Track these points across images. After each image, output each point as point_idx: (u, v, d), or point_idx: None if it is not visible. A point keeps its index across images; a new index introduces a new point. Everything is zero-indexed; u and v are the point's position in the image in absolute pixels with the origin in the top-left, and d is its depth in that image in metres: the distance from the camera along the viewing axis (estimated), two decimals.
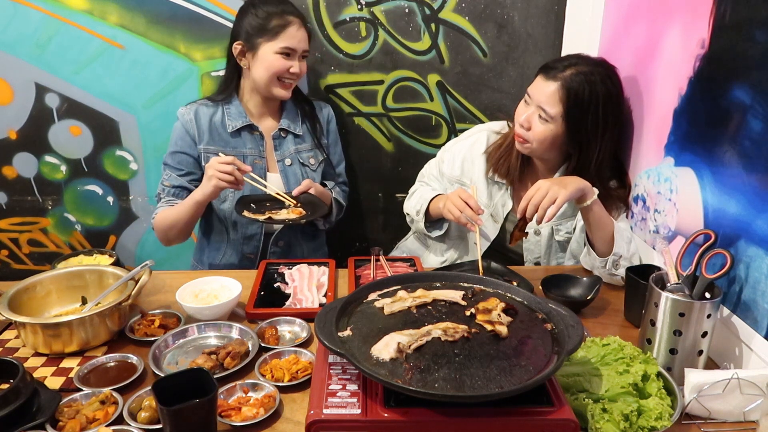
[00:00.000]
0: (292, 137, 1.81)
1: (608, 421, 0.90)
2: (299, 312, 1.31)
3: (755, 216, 1.08)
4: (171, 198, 1.70)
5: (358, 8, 1.96)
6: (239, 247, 1.82)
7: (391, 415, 0.81)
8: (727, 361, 1.16)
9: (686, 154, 1.32)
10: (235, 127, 1.74)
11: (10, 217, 2.15)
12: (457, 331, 0.91)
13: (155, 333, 1.23)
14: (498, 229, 1.69)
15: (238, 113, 1.75)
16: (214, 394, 0.89)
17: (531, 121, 1.49)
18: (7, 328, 1.27)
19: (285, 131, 1.80)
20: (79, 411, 0.97)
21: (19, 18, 1.89)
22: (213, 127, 1.73)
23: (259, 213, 1.62)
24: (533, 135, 1.49)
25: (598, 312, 1.37)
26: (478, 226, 1.47)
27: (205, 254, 1.87)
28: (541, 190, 1.33)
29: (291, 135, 1.81)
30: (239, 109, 1.75)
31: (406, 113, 2.11)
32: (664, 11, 1.42)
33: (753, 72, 1.09)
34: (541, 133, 1.48)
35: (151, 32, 1.94)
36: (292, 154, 1.81)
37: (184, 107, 1.75)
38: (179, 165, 1.72)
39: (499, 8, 1.97)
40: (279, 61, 1.65)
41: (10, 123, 2.01)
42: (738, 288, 1.13)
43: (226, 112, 1.75)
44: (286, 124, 1.79)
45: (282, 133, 1.80)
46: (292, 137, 1.81)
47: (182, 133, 1.72)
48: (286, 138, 1.81)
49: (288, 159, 1.80)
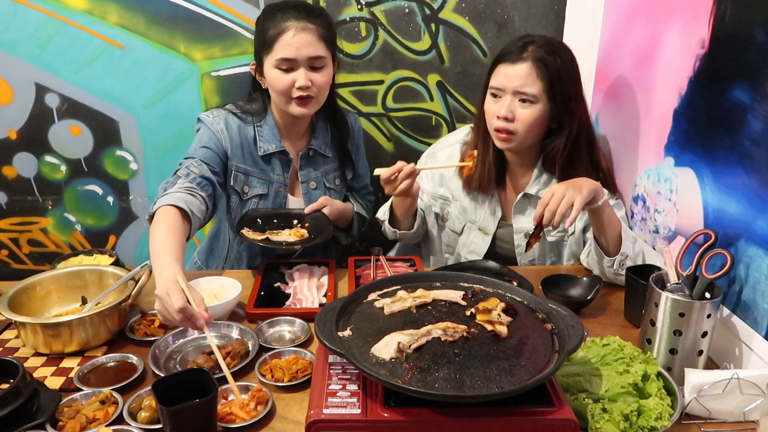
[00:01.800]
0: (321, 158, 1.67)
1: (608, 421, 0.90)
2: (299, 312, 1.31)
3: (755, 216, 1.08)
4: (194, 187, 1.40)
5: (358, 8, 1.96)
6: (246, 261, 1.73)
7: (391, 415, 0.81)
8: (727, 361, 1.16)
9: (686, 154, 1.32)
10: (268, 151, 1.57)
11: (10, 217, 2.15)
12: (457, 331, 0.91)
13: (155, 333, 1.23)
14: (489, 241, 1.66)
15: (272, 135, 1.58)
16: (214, 394, 0.89)
17: (513, 110, 1.46)
18: (7, 328, 1.27)
19: (314, 151, 1.65)
20: (79, 411, 0.97)
21: (19, 18, 1.89)
22: (244, 143, 1.56)
23: (261, 231, 1.52)
24: (520, 123, 1.46)
25: (598, 312, 1.37)
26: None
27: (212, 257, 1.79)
28: (557, 195, 1.29)
29: (320, 156, 1.66)
30: (273, 131, 1.58)
31: (406, 113, 2.11)
32: (664, 11, 1.42)
33: (753, 72, 1.09)
34: (528, 116, 1.45)
35: (151, 32, 1.94)
36: (318, 177, 1.67)
37: (211, 114, 1.56)
38: (210, 161, 1.49)
39: (499, 8, 1.97)
40: (279, 78, 1.45)
41: (10, 123, 2.02)
42: (738, 288, 1.13)
43: (258, 131, 1.57)
44: (317, 145, 1.64)
45: (310, 153, 1.64)
46: (321, 158, 1.67)
47: (212, 138, 1.52)
48: (314, 158, 1.66)
49: (313, 182, 1.66)
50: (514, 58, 1.44)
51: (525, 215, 1.63)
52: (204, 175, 1.45)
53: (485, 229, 1.67)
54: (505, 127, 1.47)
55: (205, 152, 1.50)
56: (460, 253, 1.71)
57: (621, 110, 1.66)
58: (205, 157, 1.49)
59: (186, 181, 1.41)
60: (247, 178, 1.58)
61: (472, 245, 1.68)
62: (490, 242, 1.67)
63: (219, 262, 1.78)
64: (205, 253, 1.82)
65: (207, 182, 1.45)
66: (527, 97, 1.44)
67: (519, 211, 1.63)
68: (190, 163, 1.46)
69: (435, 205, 1.72)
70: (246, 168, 1.57)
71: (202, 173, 1.45)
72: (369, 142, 2.13)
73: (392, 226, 1.66)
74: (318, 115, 1.64)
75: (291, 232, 1.53)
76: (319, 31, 1.46)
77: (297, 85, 1.45)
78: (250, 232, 1.51)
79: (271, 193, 1.62)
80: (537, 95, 1.43)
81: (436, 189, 1.71)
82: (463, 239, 1.70)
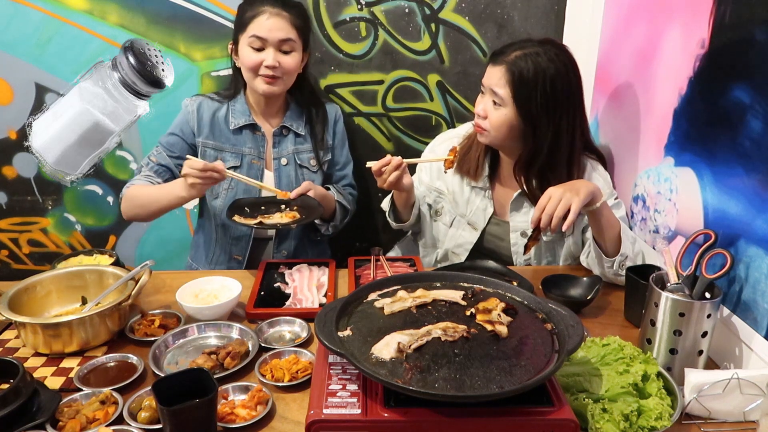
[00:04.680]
0: (293, 136, 1.77)
1: (608, 421, 0.90)
2: (299, 312, 1.31)
3: (755, 216, 1.08)
4: (151, 175, 1.65)
5: (358, 8, 1.96)
6: (227, 248, 1.79)
7: (391, 415, 0.81)
8: (727, 361, 1.16)
9: (686, 154, 1.32)
10: (238, 125, 1.71)
11: (10, 217, 2.15)
12: (457, 331, 0.91)
13: (155, 333, 1.23)
14: (477, 236, 1.67)
15: (242, 111, 1.72)
16: (214, 394, 0.89)
17: (486, 110, 1.49)
18: (7, 328, 1.27)
19: (287, 129, 1.76)
20: (79, 411, 0.97)
21: (19, 18, 1.89)
22: (215, 122, 1.71)
23: (251, 217, 1.57)
24: (490, 123, 1.49)
25: (598, 312, 1.37)
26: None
27: (199, 252, 1.86)
28: (554, 198, 1.29)
29: (292, 134, 1.77)
30: (243, 107, 1.73)
31: (406, 113, 2.11)
32: (664, 11, 1.42)
33: (753, 72, 1.09)
34: (496, 119, 1.47)
35: (151, 32, 1.94)
36: (289, 154, 1.77)
37: (190, 98, 1.74)
38: (171, 147, 1.70)
39: (499, 8, 1.97)
40: (250, 55, 1.59)
41: (10, 123, 2.01)
42: (738, 288, 1.13)
43: (231, 108, 1.73)
44: (288, 123, 1.75)
45: (283, 131, 1.76)
46: (293, 136, 1.77)
47: (183, 121, 1.71)
48: (287, 137, 1.77)
49: (284, 159, 1.76)
50: (497, 59, 1.46)
51: (521, 213, 1.63)
52: (161, 162, 1.67)
53: (474, 224, 1.68)
54: (478, 124, 1.53)
55: (168, 139, 1.71)
56: (448, 247, 1.72)
57: (621, 110, 1.66)
58: (167, 144, 1.70)
59: (146, 170, 1.67)
60: (220, 153, 1.72)
61: (460, 239, 1.69)
62: (480, 239, 1.68)
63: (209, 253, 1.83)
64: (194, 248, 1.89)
65: (164, 168, 1.67)
66: (498, 99, 1.46)
67: (516, 208, 1.63)
68: (152, 153, 1.70)
69: (429, 197, 1.74)
70: (216, 144, 1.72)
71: (159, 161, 1.68)
72: (369, 142, 2.14)
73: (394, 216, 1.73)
74: (293, 97, 1.78)
75: (282, 215, 1.60)
76: (291, 19, 1.61)
77: (265, 64, 1.59)
78: (241, 218, 1.55)
79: (244, 165, 1.72)
80: (504, 99, 1.45)
81: (433, 181, 1.74)
82: (452, 232, 1.71)
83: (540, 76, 1.41)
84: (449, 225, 1.72)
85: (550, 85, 1.42)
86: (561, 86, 1.43)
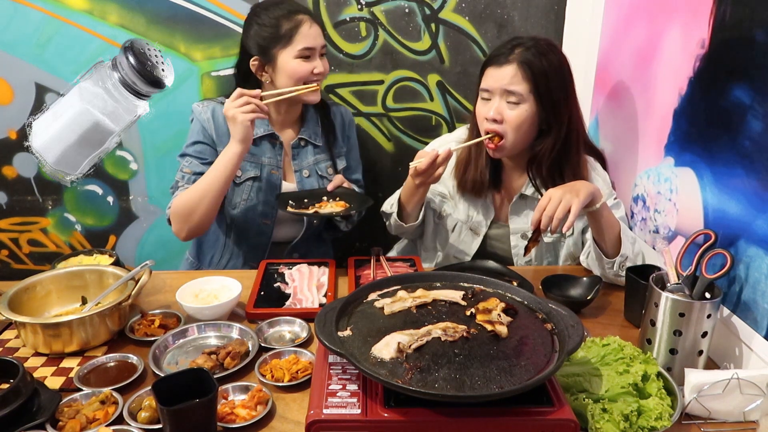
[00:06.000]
0: (312, 147, 1.74)
1: (608, 421, 0.90)
2: (299, 312, 1.31)
3: (755, 216, 1.08)
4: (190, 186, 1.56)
5: (358, 8, 1.96)
6: (242, 255, 1.78)
7: (391, 415, 0.81)
8: (727, 361, 1.16)
9: (686, 154, 1.32)
10: (257, 135, 1.65)
11: (10, 217, 2.15)
12: (457, 331, 0.91)
13: (155, 333, 1.22)
14: (479, 242, 1.67)
15: (260, 121, 1.64)
16: (214, 394, 0.89)
17: (501, 112, 1.46)
18: (7, 328, 1.27)
19: (305, 141, 1.73)
20: (79, 411, 0.97)
21: (19, 18, 1.89)
22: None
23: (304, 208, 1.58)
24: (508, 124, 1.46)
25: (598, 312, 1.37)
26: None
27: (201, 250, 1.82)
28: (554, 200, 1.29)
29: (311, 145, 1.74)
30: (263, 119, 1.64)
31: (406, 113, 2.11)
32: (664, 11, 1.42)
33: (753, 72, 1.09)
34: (516, 117, 1.45)
35: (151, 32, 1.94)
36: (310, 165, 1.74)
37: (200, 104, 1.67)
38: (201, 154, 1.62)
39: (499, 8, 1.97)
40: (301, 66, 1.56)
41: (10, 123, 2.02)
42: (738, 288, 1.13)
43: None
44: (307, 134, 1.72)
45: (302, 143, 1.73)
46: (312, 147, 1.74)
47: (201, 128, 1.64)
48: (305, 148, 1.73)
49: (306, 170, 1.73)
50: (501, 61, 1.45)
51: (521, 216, 1.63)
52: (195, 171, 1.60)
53: (476, 229, 1.67)
54: (494, 129, 1.48)
55: (195, 147, 1.63)
56: (449, 252, 1.72)
57: (621, 110, 1.66)
58: (196, 153, 1.63)
59: (183, 183, 1.59)
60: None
61: (462, 244, 1.69)
62: (481, 242, 1.67)
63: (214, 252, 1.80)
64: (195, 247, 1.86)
65: (200, 176, 1.55)
66: (514, 96, 1.44)
67: (515, 212, 1.63)
68: (183, 165, 1.62)
69: (434, 201, 1.73)
70: None
71: (194, 170, 1.60)
72: (369, 142, 2.14)
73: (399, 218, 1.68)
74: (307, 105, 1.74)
75: (333, 204, 1.62)
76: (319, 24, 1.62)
77: (316, 71, 1.58)
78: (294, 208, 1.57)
79: (263, 176, 1.70)
80: (523, 95, 1.44)
81: (436, 185, 1.72)
82: (454, 238, 1.70)
83: (551, 66, 1.44)
84: (451, 230, 1.71)
85: (560, 71, 1.46)
86: (566, 72, 1.48)
